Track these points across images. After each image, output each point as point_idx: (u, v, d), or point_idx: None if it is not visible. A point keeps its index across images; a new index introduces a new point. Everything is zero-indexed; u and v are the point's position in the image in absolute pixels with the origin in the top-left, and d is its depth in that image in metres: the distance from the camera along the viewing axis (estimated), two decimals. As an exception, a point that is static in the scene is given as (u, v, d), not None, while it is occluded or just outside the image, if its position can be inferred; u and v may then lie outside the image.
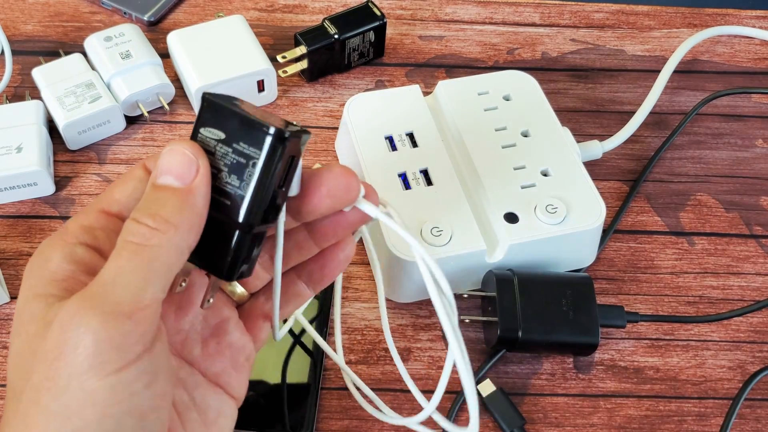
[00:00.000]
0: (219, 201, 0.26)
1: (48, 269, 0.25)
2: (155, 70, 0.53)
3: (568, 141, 0.48)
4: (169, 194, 0.25)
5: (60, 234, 0.26)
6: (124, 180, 0.27)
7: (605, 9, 0.63)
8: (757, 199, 0.52)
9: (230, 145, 0.26)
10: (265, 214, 0.26)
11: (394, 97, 0.49)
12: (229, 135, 0.26)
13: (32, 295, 0.25)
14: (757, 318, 0.46)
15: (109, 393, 0.23)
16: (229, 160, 0.26)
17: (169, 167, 0.25)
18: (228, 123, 0.26)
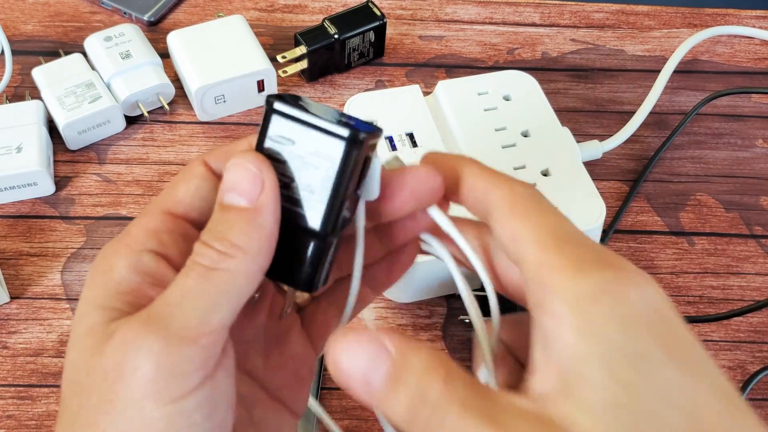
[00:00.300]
0: (292, 210, 0.24)
1: (112, 279, 0.24)
2: (155, 70, 0.53)
3: (568, 141, 0.48)
4: (236, 215, 0.23)
5: (123, 239, 0.24)
6: (185, 178, 0.25)
7: (605, 9, 0.63)
8: (757, 199, 0.52)
9: (301, 151, 0.24)
10: (342, 221, 0.25)
11: (394, 97, 0.49)
12: (299, 140, 0.24)
13: (93, 307, 0.23)
14: (757, 318, 0.46)
15: (167, 423, 0.21)
16: (300, 167, 0.24)
17: (233, 184, 0.24)
18: (296, 127, 0.24)
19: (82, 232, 0.48)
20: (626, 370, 0.20)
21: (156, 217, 0.25)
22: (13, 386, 0.41)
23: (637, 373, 0.20)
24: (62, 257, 0.46)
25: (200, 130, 0.53)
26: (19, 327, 0.44)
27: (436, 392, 0.21)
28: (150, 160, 0.51)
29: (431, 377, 0.21)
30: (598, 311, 0.20)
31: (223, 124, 0.54)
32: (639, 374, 0.20)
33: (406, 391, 0.21)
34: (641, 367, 0.20)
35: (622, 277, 0.21)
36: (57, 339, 0.43)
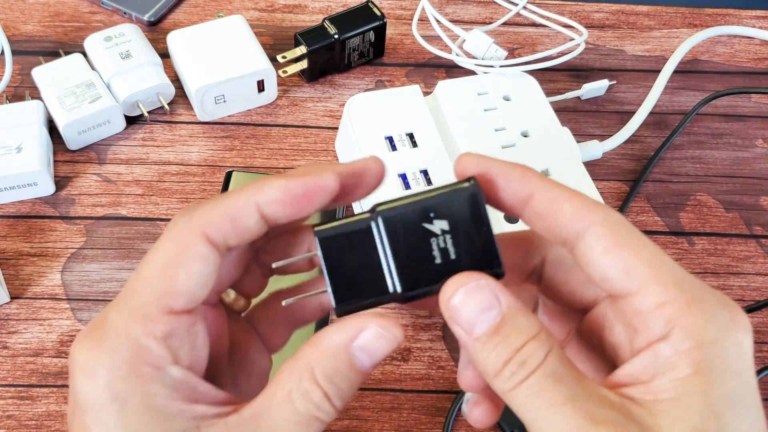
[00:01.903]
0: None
1: (159, 410, 0.24)
2: (155, 70, 0.53)
3: (568, 141, 0.48)
4: (359, 377, 0.25)
5: (133, 352, 0.24)
6: (183, 261, 0.24)
7: (605, 9, 0.63)
8: (757, 199, 0.52)
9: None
10: None
11: (394, 97, 0.49)
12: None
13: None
14: (757, 318, 0.46)
15: None
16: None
17: (372, 350, 0.25)
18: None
19: (82, 232, 0.48)
20: (727, 412, 0.23)
21: (160, 320, 0.24)
22: (13, 386, 0.41)
23: (734, 415, 0.23)
24: (62, 257, 0.46)
25: (200, 130, 0.53)
26: (19, 327, 0.44)
27: (536, 360, 0.23)
28: (150, 160, 0.51)
29: (537, 345, 0.23)
30: (720, 355, 0.23)
31: (223, 124, 0.54)
32: (735, 416, 0.23)
33: (506, 348, 0.24)
34: (737, 410, 0.23)
35: (739, 323, 0.24)
36: (57, 339, 0.43)
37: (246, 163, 0.52)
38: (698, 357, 0.23)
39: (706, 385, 0.23)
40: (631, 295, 0.24)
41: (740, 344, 0.24)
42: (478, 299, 0.24)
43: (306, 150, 0.52)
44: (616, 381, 0.24)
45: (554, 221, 0.25)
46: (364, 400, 0.42)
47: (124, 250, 0.47)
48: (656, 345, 0.24)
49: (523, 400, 0.23)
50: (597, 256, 0.25)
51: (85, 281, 0.45)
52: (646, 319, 0.24)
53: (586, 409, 0.22)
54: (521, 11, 0.59)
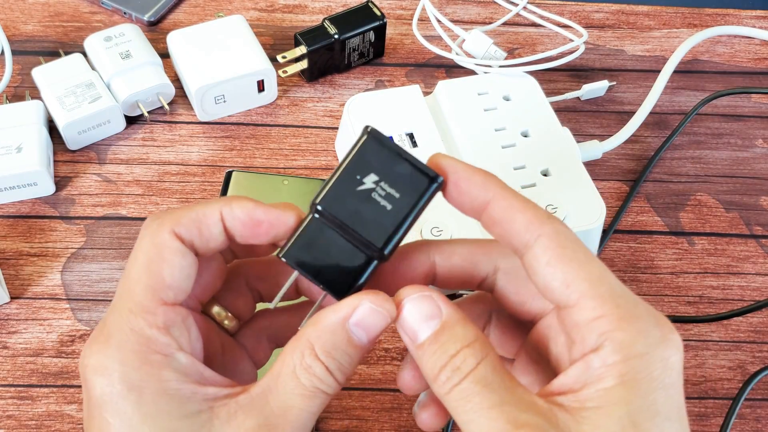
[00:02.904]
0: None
1: (174, 394, 0.25)
2: (155, 70, 0.53)
3: (568, 141, 0.48)
4: (357, 352, 0.27)
5: (141, 344, 0.26)
6: (162, 258, 0.27)
7: (605, 9, 0.63)
8: (757, 199, 0.52)
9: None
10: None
11: (394, 97, 0.49)
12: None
13: (180, 416, 0.25)
14: (757, 318, 0.46)
15: None
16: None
17: (366, 324, 0.26)
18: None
19: (82, 232, 0.48)
20: (645, 422, 0.24)
21: (158, 311, 0.26)
22: (13, 386, 0.41)
23: (652, 426, 0.24)
24: (62, 257, 0.46)
25: (200, 130, 0.53)
26: (19, 327, 0.44)
27: (468, 367, 0.25)
28: (150, 160, 0.51)
29: (470, 353, 0.25)
30: (645, 369, 0.24)
31: (223, 124, 0.54)
32: (654, 427, 0.24)
33: (443, 355, 0.25)
34: (657, 422, 0.24)
35: (669, 342, 0.25)
36: (57, 339, 0.43)
37: (246, 163, 0.52)
38: (624, 369, 0.24)
39: (627, 395, 0.24)
40: (570, 307, 0.26)
41: (667, 360, 0.25)
42: (421, 308, 0.26)
43: (306, 150, 0.52)
44: (551, 390, 0.26)
45: (507, 229, 0.27)
46: (364, 400, 0.42)
47: (124, 250, 0.47)
48: (588, 356, 0.25)
49: (456, 403, 0.25)
50: (542, 266, 0.26)
51: (85, 281, 0.45)
52: (582, 331, 0.25)
53: (510, 414, 0.24)
54: (521, 11, 0.59)
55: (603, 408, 0.24)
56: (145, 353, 0.25)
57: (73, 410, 0.41)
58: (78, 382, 0.42)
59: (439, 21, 0.56)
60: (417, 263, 0.29)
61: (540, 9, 0.59)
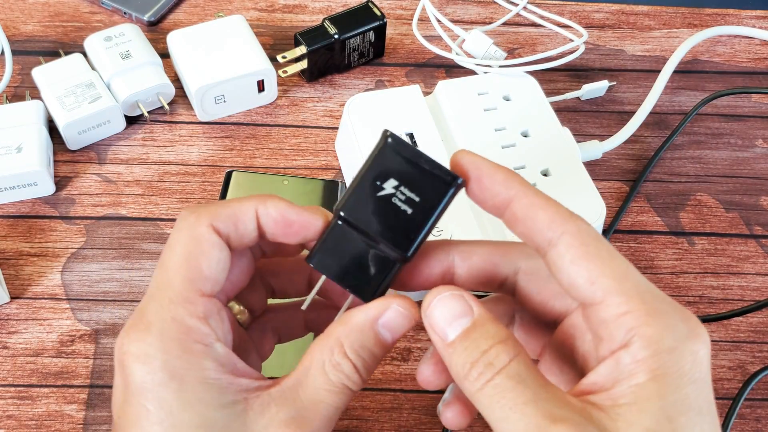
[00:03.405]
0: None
1: (213, 383, 0.26)
2: (155, 70, 0.53)
3: (568, 141, 0.48)
4: (381, 350, 0.28)
5: (183, 333, 0.26)
6: (202, 250, 0.27)
7: (605, 9, 0.63)
8: (757, 199, 0.52)
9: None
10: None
11: (394, 97, 0.49)
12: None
13: (218, 405, 0.26)
14: (757, 318, 0.46)
15: None
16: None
17: (392, 325, 0.28)
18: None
19: (82, 232, 0.48)
20: (679, 417, 0.24)
21: (197, 301, 0.27)
22: (13, 386, 0.41)
23: (687, 420, 0.24)
24: (62, 257, 0.46)
25: (200, 130, 0.53)
26: (19, 327, 0.44)
27: (501, 362, 0.25)
28: (150, 160, 0.51)
29: (503, 349, 0.25)
30: (675, 364, 0.24)
31: (223, 124, 0.54)
32: (688, 421, 0.24)
33: (474, 351, 0.25)
34: (690, 416, 0.24)
35: (697, 335, 0.25)
36: (57, 339, 0.43)
37: (246, 163, 0.52)
38: (654, 364, 0.24)
39: (660, 390, 0.24)
40: (596, 304, 0.26)
41: (696, 354, 0.25)
42: (451, 307, 0.26)
43: (306, 150, 0.52)
44: (581, 389, 0.26)
45: (530, 227, 0.27)
46: (364, 400, 0.42)
47: (124, 250, 0.47)
48: (618, 353, 0.25)
49: (489, 400, 0.25)
50: (566, 264, 0.26)
51: (85, 281, 0.45)
52: (609, 328, 0.25)
53: (546, 409, 0.24)
54: (521, 11, 0.59)
55: (637, 404, 0.24)
56: (186, 342, 0.26)
57: (73, 410, 0.41)
58: (78, 382, 0.42)
59: (439, 21, 0.56)
60: (436, 262, 0.30)
61: (540, 9, 0.59)
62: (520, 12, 0.59)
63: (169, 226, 0.48)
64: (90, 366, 0.42)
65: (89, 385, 0.41)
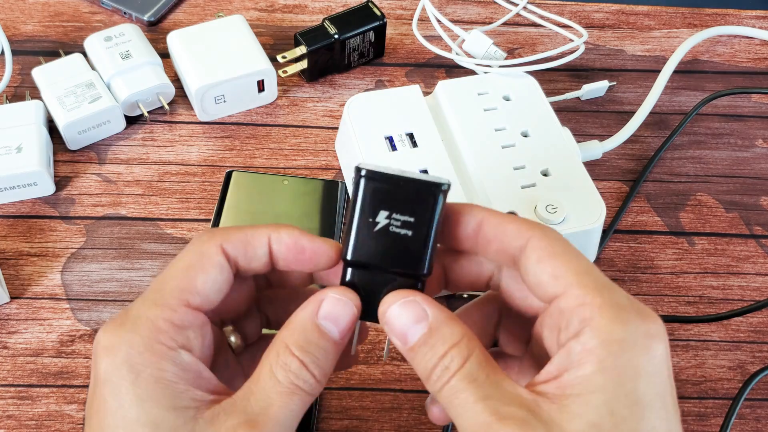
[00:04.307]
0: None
1: (168, 385, 0.26)
2: (155, 70, 0.53)
3: (568, 141, 0.48)
4: (330, 345, 0.28)
5: (151, 332, 0.27)
6: (203, 267, 0.28)
7: (605, 9, 0.63)
8: (757, 199, 0.52)
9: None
10: None
11: (394, 97, 0.49)
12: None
13: (169, 407, 0.26)
14: (757, 318, 0.46)
15: None
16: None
17: (332, 316, 0.28)
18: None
19: (82, 232, 0.48)
20: (623, 410, 0.24)
21: (179, 310, 0.27)
22: (13, 386, 0.41)
23: (631, 414, 0.24)
24: (62, 257, 0.46)
25: (200, 130, 0.53)
26: (19, 327, 0.44)
27: (455, 365, 0.26)
28: (150, 160, 0.51)
29: (457, 351, 0.26)
30: (623, 356, 0.25)
31: (223, 124, 0.54)
32: (632, 415, 0.24)
33: (432, 355, 0.27)
34: (636, 410, 0.24)
35: (652, 330, 0.25)
36: (57, 339, 0.43)
37: (246, 163, 0.52)
38: (602, 355, 0.25)
39: (606, 383, 0.25)
40: (558, 297, 0.27)
41: (649, 348, 0.25)
42: (408, 313, 0.28)
43: (306, 150, 0.52)
44: (537, 379, 0.27)
45: (501, 240, 0.28)
46: (364, 400, 0.42)
47: (124, 250, 0.47)
48: (570, 342, 0.26)
49: (446, 400, 0.26)
50: (533, 264, 0.27)
51: (85, 281, 0.45)
52: (567, 318, 0.26)
53: (495, 408, 0.25)
54: (521, 11, 0.59)
55: (582, 395, 0.25)
56: (151, 341, 0.27)
57: (73, 410, 0.41)
58: (78, 382, 0.42)
59: (439, 21, 0.56)
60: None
61: (540, 9, 0.59)
62: (520, 12, 0.59)
63: (169, 226, 0.48)
64: (90, 366, 0.42)
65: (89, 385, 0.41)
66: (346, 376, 0.42)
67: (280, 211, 0.48)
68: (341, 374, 0.42)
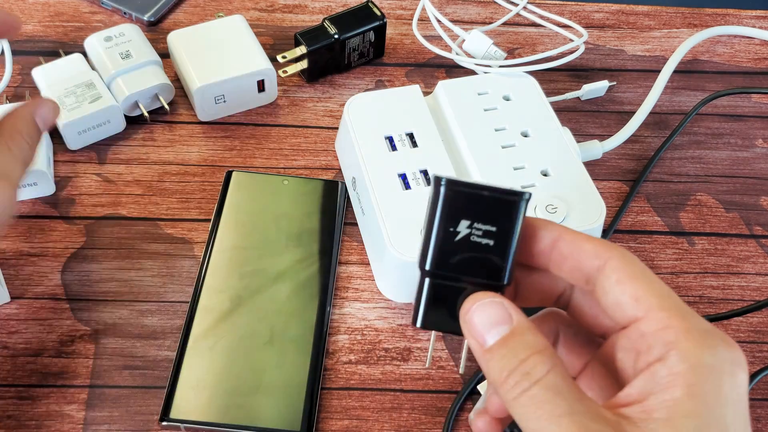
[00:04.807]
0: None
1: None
2: (155, 70, 0.53)
3: (568, 141, 0.48)
4: None
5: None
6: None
7: (605, 9, 0.63)
8: (757, 199, 0.52)
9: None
10: None
11: (394, 97, 0.49)
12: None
13: None
14: (757, 318, 0.46)
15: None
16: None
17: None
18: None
19: (82, 232, 0.48)
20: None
21: None
22: (13, 386, 0.41)
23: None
24: (62, 257, 0.46)
25: (200, 130, 0.53)
26: (19, 327, 0.44)
27: (539, 373, 0.25)
28: (150, 160, 0.51)
29: (541, 359, 0.26)
30: (713, 382, 0.25)
31: (223, 124, 0.54)
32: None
33: (512, 359, 0.26)
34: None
35: (736, 357, 0.25)
36: (57, 339, 0.43)
37: (246, 163, 0.52)
38: (691, 380, 0.24)
39: (697, 408, 0.24)
40: (638, 320, 0.26)
41: (735, 376, 0.25)
42: (491, 313, 0.27)
43: (306, 150, 0.52)
44: (617, 401, 0.26)
45: (578, 258, 0.28)
46: (364, 400, 0.42)
47: (124, 250, 0.47)
48: (654, 366, 0.25)
49: (524, 410, 0.25)
50: (612, 285, 0.27)
51: (85, 281, 0.45)
52: (648, 341, 0.26)
53: (582, 423, 0.24)
54: (521, 11, 0.59)
55: (670, 420, 0.24)
56: None
57: (73, 410, 0.41)
58: (78, 382, 0.42)
59: (439, 21, 0.56)
60: None
61: (540, 9, 0.59)
62: (520, 12, 0.59)
63: (169, 226, 0.48)
64: (90, 366, 0.42)
65: (89, 385, 0.41)
66: (346, 376, 0.42)
67: (280, 211, 0.48)
68: (341, 374, 0.42)
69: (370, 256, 0.47)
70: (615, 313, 0.27)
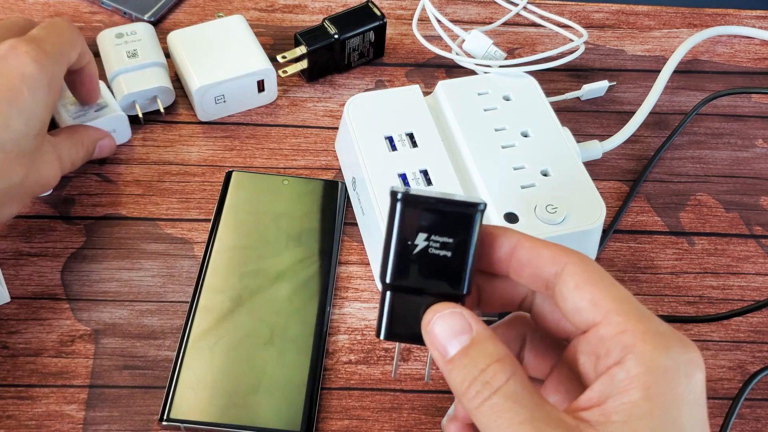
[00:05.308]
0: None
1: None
2: (157, 72, 0.53)
3: (568, 141, 0.48)
4: None
5: None
6: None
7: (605, 9, 0.63)
8: (757, 199, 0.52)
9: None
10: None
11: (394, 97, 0.49)
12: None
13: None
14: (757, 318, 0.46)
15: None
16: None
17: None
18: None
19: (82, 232, 0.48)
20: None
21: None
22: (13, 386, 0.41)
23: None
24: (62, 257, 0.46)
25: (200, 130, 0.53)
26: (19, 327, 0.44)
27: (498, 381, 0.26)
28: (150, 160, 0.51)
29: (500, 368, 0.26)
30: (669, 383, 0.25)
31: (223, 124, 0.54)
32: None
33: (473, 368, 0.26)
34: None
35: (693, 359, 0.26)
36: (57, 339, 0.43)
37: (246, 163, 0.52)
38: (648, 381, 0.25)
39: (653, 409, 0.25)
40: (597, 324, 0.27)
41: (691, 377, 0.25)
42: (451, 324, 0.27)
43: (306, 150, 0.52)
44: (577, 405, 0.26)
45: (536, 265, 0.29)
46: (364, 400, 0.42)
47: (124, 250, 0.47)
48: (612, 369, 0.26)
49: (486, 418, 0.26)
50: (570, 290, 0.27)
51: (85, 281, 0.45)
52: (607, 345, 0.26)
53: (541, 429, 0.25)
54: (521, 11, 0.59)
55: (628, 422, 0.25)
56: None
57: (73, 410, 0.41)
58: (78, 382, 0.42)
59: (439, 21, 0.56)
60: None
61: (540, 9, 0.59)
62: (520, 12, 0.59)
63: (169, 226, 0.48)
64: (90, 366, 0.42)
65: (89, 385, 0.41)
66: (346, 376, 0.42)
67: (280, 211, 0.48)
68: (341, 374, 0.42)
69: (370, 256, 0.47)
70: (574, 317, 0.28)
